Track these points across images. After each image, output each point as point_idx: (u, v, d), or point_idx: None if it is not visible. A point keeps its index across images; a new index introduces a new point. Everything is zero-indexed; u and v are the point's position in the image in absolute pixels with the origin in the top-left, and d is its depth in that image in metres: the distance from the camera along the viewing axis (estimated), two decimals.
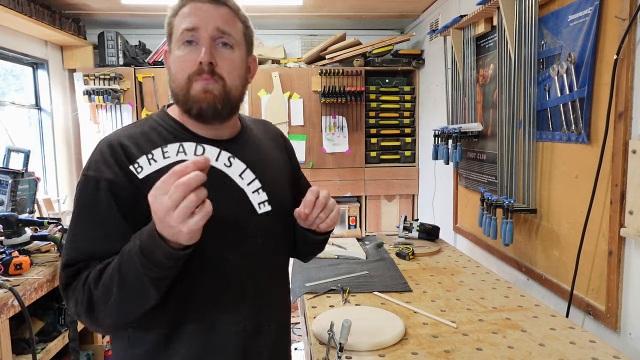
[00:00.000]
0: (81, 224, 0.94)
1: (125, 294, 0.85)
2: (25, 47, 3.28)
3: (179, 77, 0.96)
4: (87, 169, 0.95)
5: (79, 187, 0.95)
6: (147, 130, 0.99)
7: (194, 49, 0.95)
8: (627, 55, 1.46)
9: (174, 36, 0.97)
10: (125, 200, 0.91)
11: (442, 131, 2.70)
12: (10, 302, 1.81)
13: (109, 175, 0.92)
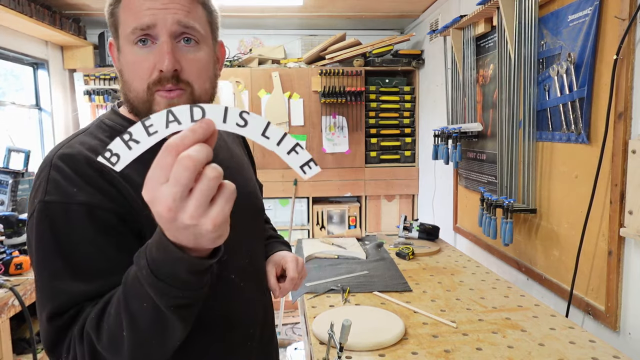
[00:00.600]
0: (60, 260, 0.72)
1: (141, 338, 0.65)
2: (25, 47, 3.28)
3: (136, 87, 0.79)
4: (44, 193, 0.74)
5: (43, 218, 0.73)
6: (105, 140, 0.82)
7: (149, 50, 0.77)
8: (626, 55, 1.47)
9: (122, 31, 0.79)
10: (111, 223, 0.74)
11: (442, 131, 2.70)
12: (10, 301, 1.81)
13: (83, 197, 0.73)
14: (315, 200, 4.00)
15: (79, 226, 0.73)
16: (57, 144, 0.82)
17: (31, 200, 0.77)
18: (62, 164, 0.76)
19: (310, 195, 3.94)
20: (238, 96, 3.79)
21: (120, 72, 0.82)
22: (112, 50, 0.84)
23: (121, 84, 0.82)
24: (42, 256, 0.73)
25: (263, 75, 3.80)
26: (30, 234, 0.76)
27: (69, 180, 0.74)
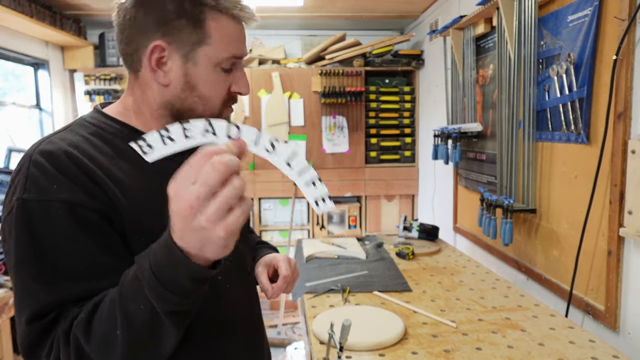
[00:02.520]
0: (40, 260, 0.70)
1: (135, 340, 0.64)
2: (26, 48, 3.28)
3: (213, 101, 0.83)
4: (23, 190, 0.71)
5: (21, 216, 0.70)
6: (88, 137, 0.79)
7: (229, 73, 0.84)
8: (626, 55, 1.47)
9: (209, 50, 0.80)
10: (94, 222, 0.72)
11: (442, 131, 2.70)
12: (11, 301, 1.81)
13: (65, 195, 0.70)
14: None
15: (59, 225, 0.70)
16: (35, 143, 0.79)
17: (9, 198, 0.74)
18: (41, 159, 0.73)
19: None
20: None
21: (186, 80, 0.81)
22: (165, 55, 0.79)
23: (180, 98, 0.82)
24: (20, 256, 0.71)
25: (263, 76, 3.80)
26: (7, 233, 0.73)
27: (49, 177, 0.71)
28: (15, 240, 0.71)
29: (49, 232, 0.70)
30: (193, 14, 0.77)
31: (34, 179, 0.71)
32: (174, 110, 0.83)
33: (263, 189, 3.86)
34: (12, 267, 0.73)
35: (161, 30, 0.77)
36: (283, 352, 3.35)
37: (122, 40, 0.82)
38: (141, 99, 0.84)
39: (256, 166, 3.83)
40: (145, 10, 0.77)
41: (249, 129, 0.62)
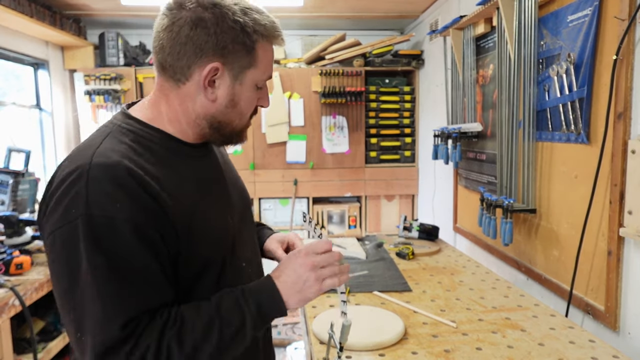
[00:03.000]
0: (115, 274, 0.74)
1: (222, 351, 0.79)
2: (26, 48, 3.28)
3: (246, 116, 0.93)
4: (86, 206, 0.74)
5: (89, 232, 0.73)
6: (131, 144, 0.84)
7: (259, 91, 0.94)
8: (626, 55, 1.47)
9: (254, 72, 0.89)
10: (154, 242, 0.78)
11: (442, 131, 2.70)
12: (11, 301, 1.81)
13: (129, 212, 0.75)
14: (315, 200, 4.00)
15: (126, 242, 0.75)
16: (79, 149, 0.83)
17: (61, 211, 0.75)
18: (101, 175, 0.76)
19: (310, 195, 3.94)
20: None
21: (232, 98, 0.89)
22: (218, 75, 0.86)
23: (223, 113, 0.90)
24: (91, 270, 0.74)
25: None
26: (65, 244, 0.75)
27: (111, 194, 0.75)
28: (84, 253, 0.74)
29: (117, 248, 0.75)
30: (248, 41, 0.86)
31: (96, 196, 0.74)
32: (214, 122, 0.90)
33: (263, 189, 3.86)
34: (75, 278, 0.75)
35: (218, 53, 0.84)
36: (283, 352, 3.35)
37: (170, 53, 0.85)
38: (179, 108, 0.89)
39: (256, 166, 3.83)
40: (206, 32, 0.83)
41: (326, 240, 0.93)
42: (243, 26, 0.84)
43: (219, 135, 0.93)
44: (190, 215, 0.84)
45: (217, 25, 0.83)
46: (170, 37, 0.84)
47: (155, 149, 0.86)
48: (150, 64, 3.84)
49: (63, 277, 0.77)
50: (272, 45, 0.91)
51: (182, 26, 0.83)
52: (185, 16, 0.83)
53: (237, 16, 0.84)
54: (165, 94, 0.90)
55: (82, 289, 0.74)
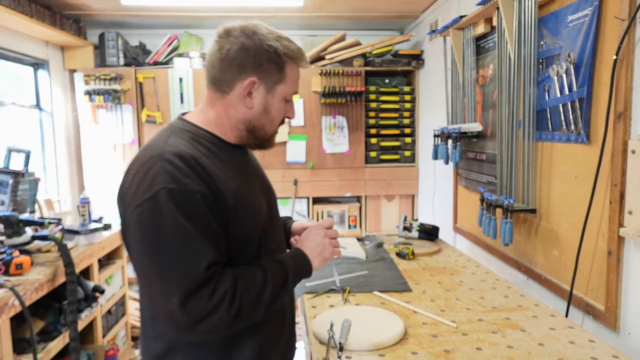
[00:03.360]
0: (198, 232, 0.95)
1: (274, 300, 1.05)
2: (26, 48, 3.28)
3: (276, 123, 1.15)
4: (163, 182, 0.95)
5: (167, 201, 0.93)
6: (190, 141, 1.06)
7: (288, 103, 1.16)
8: (626, 55, 1.47)
9: (283, 87, 1.11)
10: (213, 209, 0.99)
11: (442, 131, 2.70)
12: (11, 301, 1.81)
13: (197, 186, 0.97)
14: (315, 200, 4.00)
15: (199, 208, 0.96)
16: (147, 145, 1.06)
17: (144, 187, 0.95)
18: (174, 159, 0.97)
19: (310, 195, 3.94)
20: None
21: (265, 106, 1.11)
22: (255, 87, 1.09)
23: (258, 119, 1.12)
24: (175, 230, 0.94)
25: None
26: (152, 213, 0.94)
27: (183, 173, 0.96)
28: (169, 218, 0.94)
29: (193, 212, 0.95)
30: (279, 62, 1.09)
31: (172, 174, 0.96)
32: (250, 126, 1.12)
33: None
34: (162, 239, 0.94)
35: (256, 70, 1.07)
36: None
37: (219, 70, 1.08)
38: (224, 114, 1.11)
39: None
40: (247, 54, 1.06)
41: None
42: (275, 49, 1.07)
43: (253, 138, 1.14)
44: (235, 194, 1.04)
45: (255, 49, 1.06)
46: (219, 58, 1.07)
47: (206, 145, 1.08)
48: (150, 64, 3.84)
49: (150, 240, 0.95)
50: (298, 67, 1.13)
51: (229, 50, 1.06)
52: (232, 42, 1.06)
53: (271, 42, 1.07)
54: (213, 103, 1.12)
55: (169, 247, 0.94)
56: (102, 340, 2.72)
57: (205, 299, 0.93)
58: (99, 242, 2.69)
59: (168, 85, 3.76)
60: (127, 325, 3.24)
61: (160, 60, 3.89)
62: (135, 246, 0.99)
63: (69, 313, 2.12)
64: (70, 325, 2.11)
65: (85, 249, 2.53)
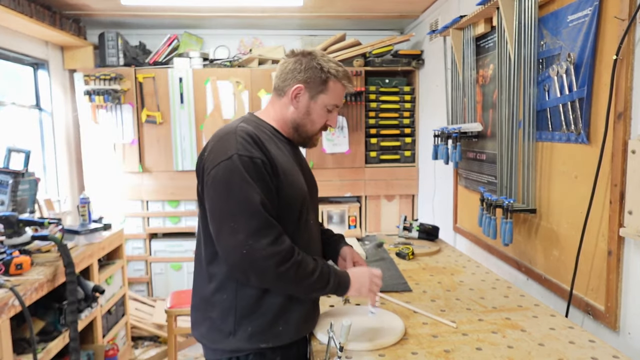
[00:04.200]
0: (256, 193, 1.21)
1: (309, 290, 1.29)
2: (25, 48, 3.28)
3: (316, 125, 1.41)
4: (237, 149, 1.23)
5: (240, 164, 1.21)
6: (255, 128, 1.33)
7: (328, 113, 1.41)
8: (626, 55, 1.47)
9: (325, 97, 1.37)
10: (270, 174, 1.26)
11: (442, 131, 2.70)
12: (11, 301, 1.81)
13: (260, 155, 1.24)
14: None
15: (262, 172, 1.23)
16: (223, 128, 1.35)
17: (223, 150, 1.24)
18: (244, 134, 1.27)
19: None
20: (238, 96, 3.79)
21: (306, 109, 1.38)
22: (301, 92, 1.36)
23: (301, 119, 1.39)
24: (243, 184, 1.21)
25: (263, 76, 3.80)
26: (224, 171, 1.22)
27: (250, 144, 1.25)
28: (238, 177, 1.21)
29: (257, 173, 1.23)
30: (323, 76, 1.36)
31: (242, 144, 1.24)
32: (295, 124, 1.40)
33: None
34: (233, 192, 1.21)
35: (304, 80, 1.36)
36: None
37: (279, 79, 1.39)
38: (280, 112, 1.41)
39: None
40: (300, 68, 1.36)
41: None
42: (322, 67, 1.36)
43: (297, 136, 1.42)
44: (284, 169, 1.29)
45: (307, 64, 1.36)
46: (281, 70, 1.39)
47: (266, 132, 1.36)
48: (150, 64, 3.84)
49: (224, 191, 1.22)
50: (340, 84, 1.39)
51: (289, 64, 1.38)
52: (292, 60, 1.38)
53: (320, 61, 1.36)
54: (273, 103, 1.42)
55: (238, 196, 1.20)
56: (102, 340, 2.72)
57: (265, 241, 1.18)
58: (98, 242, 2.69)
59: (168, 85, 3.76)
60: (127, 325, 3.24)
61: (160, 60, 3.89)
62: (212, 197, 1.24)
63: (68, 313, 2.12)
64: (70, 325, 2.11)
65: (85, 249, 2.53)
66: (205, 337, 1.34)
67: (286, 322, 1.30)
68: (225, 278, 1.30)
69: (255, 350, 1.30)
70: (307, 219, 1.38)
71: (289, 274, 1.21)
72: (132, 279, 3.86)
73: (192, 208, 3.90)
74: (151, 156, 3.81)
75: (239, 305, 1.29)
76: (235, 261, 1.20)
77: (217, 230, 1.24)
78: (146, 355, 3.29)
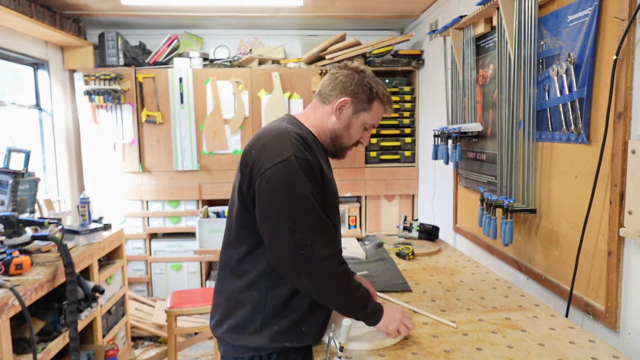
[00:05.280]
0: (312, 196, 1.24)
1: (345, 306, 1.31)
2: (25, 48, 3.28)
3: (352, 140, 1.43)
4: (293, 151, 1.24)
5: (296, 165, 1.22)
6: (299, 131, 1.34)
7: (364, 131, 1.44)
8: (626, 55, 1.47)
9: (367, 115, 1.40)
10: (320, 179, 1.28)
11: (442, 131, 2.70)
12: (10, 302, 1.81)
13: (312, 159, 1.27)
14: None
15: (316, 174, 1.26)
16: (269, 127, 1.36)
17: (278, 150, 1.25)
18: (297, 137, 1.29)
19: None
20: (238, 96, 3.79)
21: (348, 122, 1.40)
22: (348, 105, 1.39)
23: (340, 131, 1.41)
24: (301, 186, 1.23)
25: (263, 76, 3.80)
26: (283, 172, 1.22)
27: (303, 147, 1.27)
28: (298, 179, 1.23)
29: (312, 177, 1.25)
30: (370, 96, 1.39)
31: (297, 146, 1.26)
32: (333, 135, 1.41)
33: None
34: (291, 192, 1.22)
35: (351, 94, 1.38)
36: None
37: (327, 87, 1.40)
38: (320, 119, 1.42)
39: None
40: (350, 82, 1.38)
41: None
42: (371, 87, 1.39)
43: (332, 145, 1.43)
44: (327, 175, 1.32)
45: (358, 81, 1.38)
46: (331, 79, 1.41)
47: (310, 140, 1.35)
48: (150, 64, 3.84)
49: (283, 192, 1.22)
50: (383, 108, 1.42)
51: (340, 76, 1.39)
52: (344, 72, 1.40)
53: (370, 80, 1.39)
54: (315, 109, 1.43)
55: (297, 198, 1.22)
56: (102, 341, 2.72)
57: (323, 242, 1.23)
58: (98, 242, 2.69)
59: (168, 85, 3.75)
60: (127, 326, 3.24)
61: (160, 60, 3.89)
62: (267, 196, 1.24)
63: (68, 313, 2.12)
64: (70, 326, 2.11)
65: (85, 249, 2.53)
66: (228, 334, 1.34)
67: (310, 324, 1.33)
68: (259, 276, 1.31)
69: (279, 349, 1.31)
70: (336, 226, 1.40)
71: (342, 279, 1.25)
72: (132, 279, 3.86)
73: (192, 208, 3.89)
74: (151, 156, 3.81)
75: (269, 305, 1.30)
76: (291, 260, 1.21)
77: (272, 229, 1.24)
78: (146, 356, 3.29)
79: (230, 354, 1.36)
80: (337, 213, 1.42)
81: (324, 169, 1.31)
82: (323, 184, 1.29)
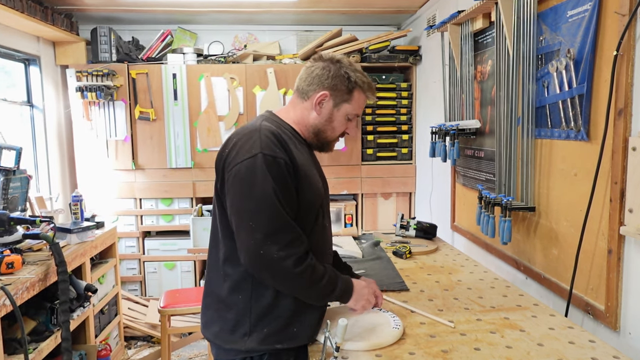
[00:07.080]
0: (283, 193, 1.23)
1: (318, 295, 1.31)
2: (16, 43, 3.23)
3: (336, 132, 1.42)
4: (261, 147, 1.23)
5: (262, 163, 1.21)
6: (277, 127, 1.33)
7: (348, 121, 1.42)
8: (627, 51, 1.45)
9: (348, 106, 1.39)
10: (292, 175, 1.26)
11: (440, 128, 2.68)
12: (1, 301, 1.78)
13: (283, 156, 1.25)
14: None
15: (282, 171, 1.24)
16: (245, 126, 1.35)
17: (247, 148, 1.25)
18: (269, 133, 1.28)
19: None
20: (232, 93, 3.75)
21: (329, 116, 1.39)
22: (325, 99, 1.37)
23: (323, 125, 1.40)
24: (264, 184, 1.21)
25: (258, 72, 3.76)
26: (252, 169, 1.22)
27: (274, 143, 1.26)
28: (261, 177, 1.21)
29: (279, 175, 1.23)
30: (349, 86, 1.37)
31: (267, 143, 1.25)
32: (316, 129, 1.41)
33: None
34: (253, 191, 1.22)
35: (330, 87, 1.36)
36: None
37: (304, 82, 1.39)
38: (300, 115, 1.41)
39: None
40: (327, 75, 1.36)
41: None
42: (349, 76, 1.36)
43: (316, 140, 1.42)
44: (304, 169, 1.30)
45: (334, 72, 1.36)
46: (307, 73, 1.39)
47: (287, 133, 1.35)
48: (143, 60, 3.80)
49: (246, 189, 1.23)
50: (364, 96, 1.40)
51: (316, 69, 1.37)
52: (320, 65, 1.38)
53: (347, 70, 1.37)
54: (295, 105, 1.42)
55: (259, 196, 1.21)
56: (95, 341, 2.69)
57: (282, 242, 1.21)
58: (91, 241, 2.66)
59: (161, 82, 3.71)
60: (120, 325, 3.21)
61: (154, 56, 3.84)
62: (233, 194, 1.25)
63: (60, 313, 2.09)
64: (62, 325, 2.08)
65: (78, 248, 2.50)
66: (219, 337, 1.33)
67: (301, 324, 1.31)
68: (241, 278, 1.30)
69: (271, 351, 1.30)
70: (323, 221, 1.39)
71: (302, 277, 1.24)
72: (125, 278, 3.82)
73: (186, 206, 3.86)
74: (144, 153, 3.77)
75: (255, 307, 1.29)
76: (251, 260, 1.22)
77: (236, 228, 1.25)
78: (139, 356, 3.26)
79: (222, 356, 1.35)
80: (322, 209, 1.39)
81: (300, 166, 1.28)
82: (297, 181, 1.27)
